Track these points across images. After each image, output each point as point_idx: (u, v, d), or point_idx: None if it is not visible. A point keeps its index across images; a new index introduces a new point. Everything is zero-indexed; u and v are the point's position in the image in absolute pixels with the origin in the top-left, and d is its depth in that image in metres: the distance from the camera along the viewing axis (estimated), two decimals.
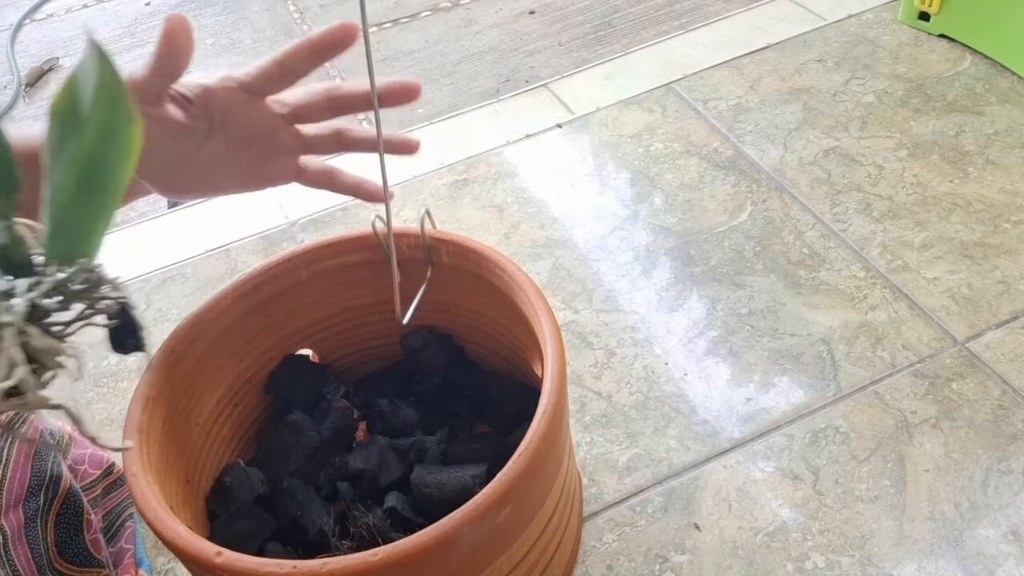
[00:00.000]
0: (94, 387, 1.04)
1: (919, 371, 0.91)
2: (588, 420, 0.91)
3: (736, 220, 1.11)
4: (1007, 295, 0.97)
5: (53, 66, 1.70)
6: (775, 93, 1.30)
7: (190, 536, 0.55)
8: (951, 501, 0.80)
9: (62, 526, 0.66)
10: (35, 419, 0.66)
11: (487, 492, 0.55)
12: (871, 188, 1.12)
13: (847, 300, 0.99)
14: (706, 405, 0.91)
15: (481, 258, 0.73)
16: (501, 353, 0.84)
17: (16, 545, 0.62)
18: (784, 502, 0.81)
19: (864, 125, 1.22)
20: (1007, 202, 1.07)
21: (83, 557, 0.67)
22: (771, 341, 0.96)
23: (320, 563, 0.52)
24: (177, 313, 1.11)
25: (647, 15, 1.56)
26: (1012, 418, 0.85)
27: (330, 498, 0.75)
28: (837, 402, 0.89)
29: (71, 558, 0.66)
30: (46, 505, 0.64)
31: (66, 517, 0.66)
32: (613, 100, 1.34)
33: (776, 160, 1.19)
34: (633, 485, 0.85)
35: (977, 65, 1.29)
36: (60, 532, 0.65)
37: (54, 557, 0.64)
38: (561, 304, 1.04)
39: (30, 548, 0.62)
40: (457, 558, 0.56)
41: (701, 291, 1.03)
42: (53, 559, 0.64)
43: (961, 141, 1.17)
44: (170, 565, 0.84)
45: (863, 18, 1.42)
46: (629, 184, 1.19)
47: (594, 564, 0.79)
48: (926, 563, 0.76)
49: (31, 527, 0.63)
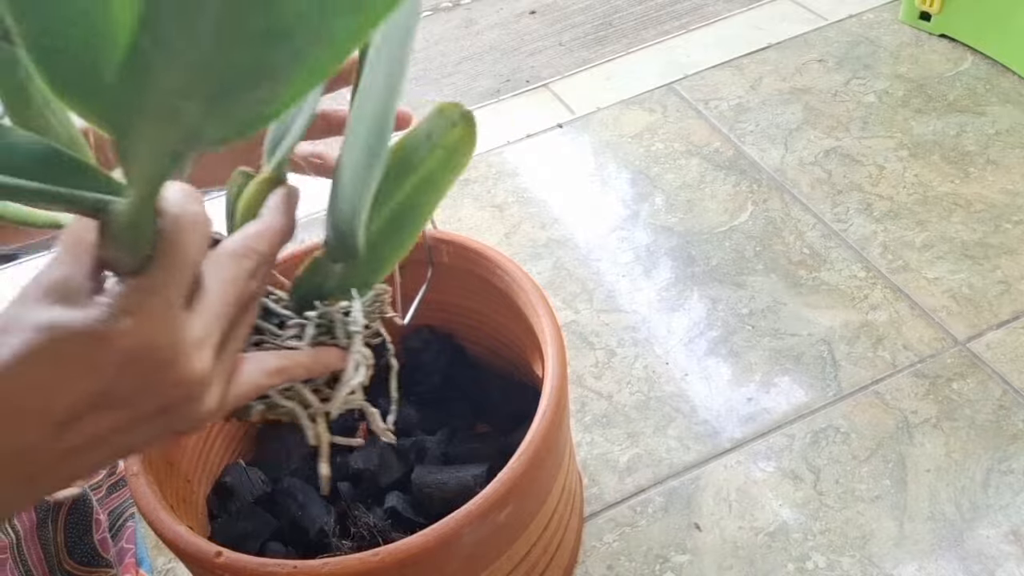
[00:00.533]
0: None
1: (920, 371, 0.91)
2: (589, 420, 0.91)
3: (737, 220, 1.11)
4: (1008, 295, 0.97)
5: None
6: (776, 93, 1.30)
7: (191, 536, 0.55)
8: (952, 501, 0.80)
9: (71, 526, 0.66)
10: None
11: (488, 492, 0.55)
12: (872, 188, 1.12)
13: (848, 300, 0.99)
14: (707, 405, 0.91)
15: (482, 258, 0.73)
16: (501, 353, 0.84)
17: (28, 545, 0.62)
18: (785, 502, 0.81)
19: (865, 125, 1.22)
20: (1008, 202, 1.07)
21: (91, 557, 0.67)
22: (772, 341, 0.96)
23: (320, 563, 0.52)
24: None
25: (648, 15, 1.56)
26: (1013, 418, 0.85)
27: (331, 498, 0.75)
28: (838, 402, 0.89)
29: (79, 558, 0.66)
30: (57, 505, 0.64)
31: (76, 517, 0.66)
32: (614, 100, 1.34)
33: (777, 160, 1.19)
34: (634, 485, 0.85)
35: (978, 65, 1.29)
36: (69, 532, 0.65)
37: (63, 558, 0.65)
38: (562, 304, 1.04)
39: (42, 548, 0.63)
40: (458, 558, 0.56)
41: (702, 291, 1.03)
42: (62, 559, 0.64)
43: (962, 141, 1.17)
44: (171, 565, 0.84)
45: (864, 18, 1.42)
46: (630, 184, 1.19)
47: (595, 564, 0.79)
48: (927, 563, 0.76)
49: (43, 527, 0.63)
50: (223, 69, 0.25)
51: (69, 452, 0.31)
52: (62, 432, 0.31)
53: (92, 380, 0.30)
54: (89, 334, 0.29)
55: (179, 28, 0.23)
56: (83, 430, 0.31)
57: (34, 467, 0.31)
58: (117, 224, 0.30)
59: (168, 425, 0.33)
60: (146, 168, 0.28)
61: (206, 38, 0.24)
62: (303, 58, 0.25)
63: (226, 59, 0.24)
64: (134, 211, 0.30)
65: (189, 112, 0.26)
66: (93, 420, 0.31)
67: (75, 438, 0.31)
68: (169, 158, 0.28)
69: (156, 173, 0.29)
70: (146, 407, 0.32)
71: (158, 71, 0.25)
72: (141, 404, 0.32)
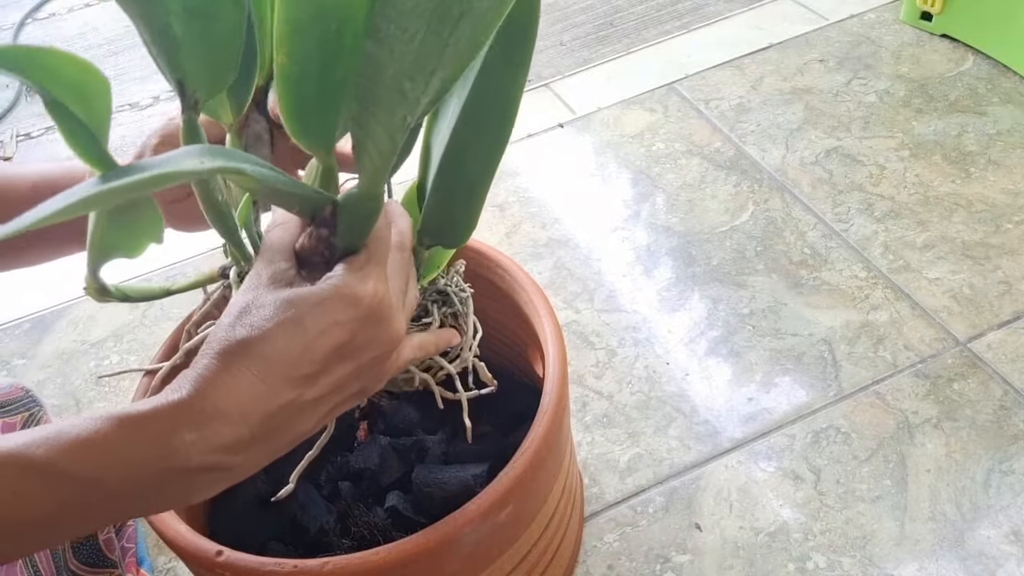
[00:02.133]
0: (95, 386, 1.04)
1: (920, 371, 0.91)
2: (589, 420, 0.91)
3: (738, 220, 1.11)
4: (1009, 295, 0.97)
5: None
6: (777, 93, 1.30)
7: (191, 535, 0.55)
8: (952, 501, 0.80)
9: None
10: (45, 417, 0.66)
11: (488, 492, 0.55)
12: (873, 188, 1.12)
13: (849, 300, 0.99)
14: (707, 405, 0.91)
15: (482, 257, 0.73)
16: (502, 352, 0.84)
17: None
18: (785, 502, 0.81)
19: (866, 125, 1.22)
20: (1009, 202, 1.07)
21: (96, 557, 0.67)
22: (772, 341, 0.96)
23: (321, 562, 0.52)
24: (179, 312, 1.11)
25: (649, 15, 1.56)
26: (1014, 418, 0.85)
27: (331, 497, 0.74)
28: (838, 402, 0.89)
29: (84, 558, 0.66)
30: None
31: None
32: (615, 100, 1.34)
33: (778, 160, 1.19)
34: (634, 485, 0.85)
35: (979, 65, 1.28)
36: None
37: (69, 558, 0.65)
38: (562, 304, 1.04)
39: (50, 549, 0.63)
40: (458, 558, 0.56)
41: (702, 291, 1.03)
42: (68, 560, 0.65)
43: (963, 141, 1.17)
44: (171, 564, 0.84)
45: (865, 18, 1.42)
46: (631, 184, 1.19)
47: (595, 564, 0.79)
48: (927, 563, 0.76)
49: None
50: (430, 50, 0.33)
51: (314, 402, 0.38)
52: (310, 384, 0.38)
53: (336, 334, 0.38)
54: (339, 296, 0.37)
55: (398, 29, 0.32)
56: (326, 381, 0.38)
57: (283, 419, 0.38)
58: (347, 212, 0.39)
59: (373, 378, 0.41)
60: (382, 144, 0.36)
61: (420, 32, 0.32)
62: (475, 36, 0.34)
63: (433, 42, 0.33)
64: (366, 196, 0.38)
65: (412, 89, 0.34)
66: (333, 371, 0.38)
67: (316, 391, 0.38)
68: (400, 132, 0.36)
69: (389, 149, 0.37)
70: (367, 357, 0.39)
71: (385, 64, 0.33)
72: (366, 354, 0.39)
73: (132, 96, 1.59)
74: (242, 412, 0.36)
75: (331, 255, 0.40)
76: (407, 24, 0.32)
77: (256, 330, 0.37)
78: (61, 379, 1.05)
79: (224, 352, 0.37)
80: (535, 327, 0.68)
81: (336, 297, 0.38)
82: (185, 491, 0.38)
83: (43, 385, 1.04)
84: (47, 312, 1.14)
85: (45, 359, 1.08)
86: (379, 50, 0.33)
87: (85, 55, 0.36)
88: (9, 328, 1.13)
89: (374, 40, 0.33)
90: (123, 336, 1.09)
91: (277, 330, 0.37)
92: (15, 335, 1.12)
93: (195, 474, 0.37)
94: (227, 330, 0.37)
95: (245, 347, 0.37)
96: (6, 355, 1.10)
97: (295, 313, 0.37)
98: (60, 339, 1.10)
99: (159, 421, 0.36)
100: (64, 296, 1.16)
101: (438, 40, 0.33)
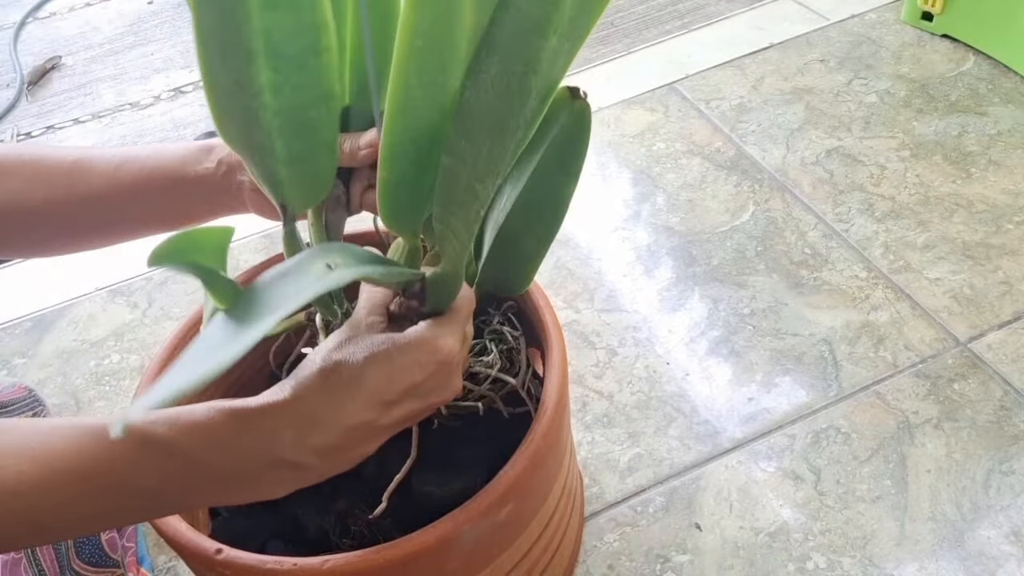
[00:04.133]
0: (96, 385, 1.04)
1: (921, 371, 0.91)
2: (589, 420, 0.91)
3: (738, 220, 1.11)
4: (1009, 295, 0.97)
5: (55, 64, 1.70)
6: (777, 93, 1.30)
7: (191, 533, 0.55)
8: (953, 502, 0.80)
9: None
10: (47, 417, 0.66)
11: (488, 491, 0.55)
12: (873, 188, 1.12)
13: (849, 300, 0.99)
14: (708, 405, 0.91)
15: None
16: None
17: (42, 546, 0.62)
18: (785, 502, 0.81)
19: (867, 125, 1.22)
20: (1010, 203, 1.07)
21: (99, 557, 0.67)
22: (773, 341, 0.96)
23: (321, 561, 0.53)
24: (179, 311, 1.11)
25: (649, 15, 1.56)
26: (1014, 419, 0.85)
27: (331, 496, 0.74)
28: (839, 402, 0.89)
29: (87, 558, 0.66)
30: None
31: None
32: (615, 100, 1.34)
33: (778, 160, 1.19)
34: (634, 485, 0.85)
35: (980, 65, 1.28)
36: None
37: (72, 557, 0.65)
38: (563, 303, 1.04)
39: (54, 548, 0.63)
40: (458, 557, 0.56)
41: (703, 291, 1.03)
42: (71, 559, 0.65)
43: (964, 141, 1.17)
44: (171, 563, 0.84)
45: (866, 18, 1.42)
46: (631, 183, 1.19)
47: (595, 564, 0.79)
48: (927, 564, 0.75)
49: None
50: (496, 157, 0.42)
51: (383, 428, 0.44)
52: (386, 411, 0.44)
53: (415, 374, 0.44)
54: (424, 343, 0.45)
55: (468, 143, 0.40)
56: (396, 413, 0.44)
57: (359, 436, 0.44)
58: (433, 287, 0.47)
59: (417, 419, 0.47)
60: (461, 235, 0.44)
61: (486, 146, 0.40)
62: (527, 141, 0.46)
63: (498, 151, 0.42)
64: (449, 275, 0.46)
65: (482, 190, 0.43)
66: (404, 404, 0.44)
67: (388, 418, 0.44)
68: (475, 223, 0.44)
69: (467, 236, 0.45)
70: (434, 400, 0.46)
71: (459, 173, 0.41)
72: (430, 397, 0.46)
73: (132, 96, 1.59)
74: (332, 421, 0.42)
75: (417, 319, 0.47)
76: (477, 139, 0.40)
77: (353, 357, 0.43)
78: (61, 378, 1.05)
79: (324, 369, 0.43)
80: (535, 326, 0.68)
81: (421, 342, 0.44)
82: (270, 484, 0.43)
83: (43, 384, 1.04)
84: (47, 311, 1.15)
85: (45, 358, 1.08)
86: (455, 162, 0.41)
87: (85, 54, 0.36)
88: (9, 327, 1.13)
89: (451, 156, 0.41)
90: (123, 335, 1.09)
91: (371, 360, 0.43)
92: (15, 334, 1.12)
93: (283, 469, 0.42)
94: (329, 352, 0.43)
95: (342, 368, 0.43)
96: (6, 354, 1.10)
97: (387, 349, 0.44)
98: (60, 338, 1.10)
99: (265, 417, 0.41)
100: (64, 295, 1.16)
101: (502, 149, 0.41)
